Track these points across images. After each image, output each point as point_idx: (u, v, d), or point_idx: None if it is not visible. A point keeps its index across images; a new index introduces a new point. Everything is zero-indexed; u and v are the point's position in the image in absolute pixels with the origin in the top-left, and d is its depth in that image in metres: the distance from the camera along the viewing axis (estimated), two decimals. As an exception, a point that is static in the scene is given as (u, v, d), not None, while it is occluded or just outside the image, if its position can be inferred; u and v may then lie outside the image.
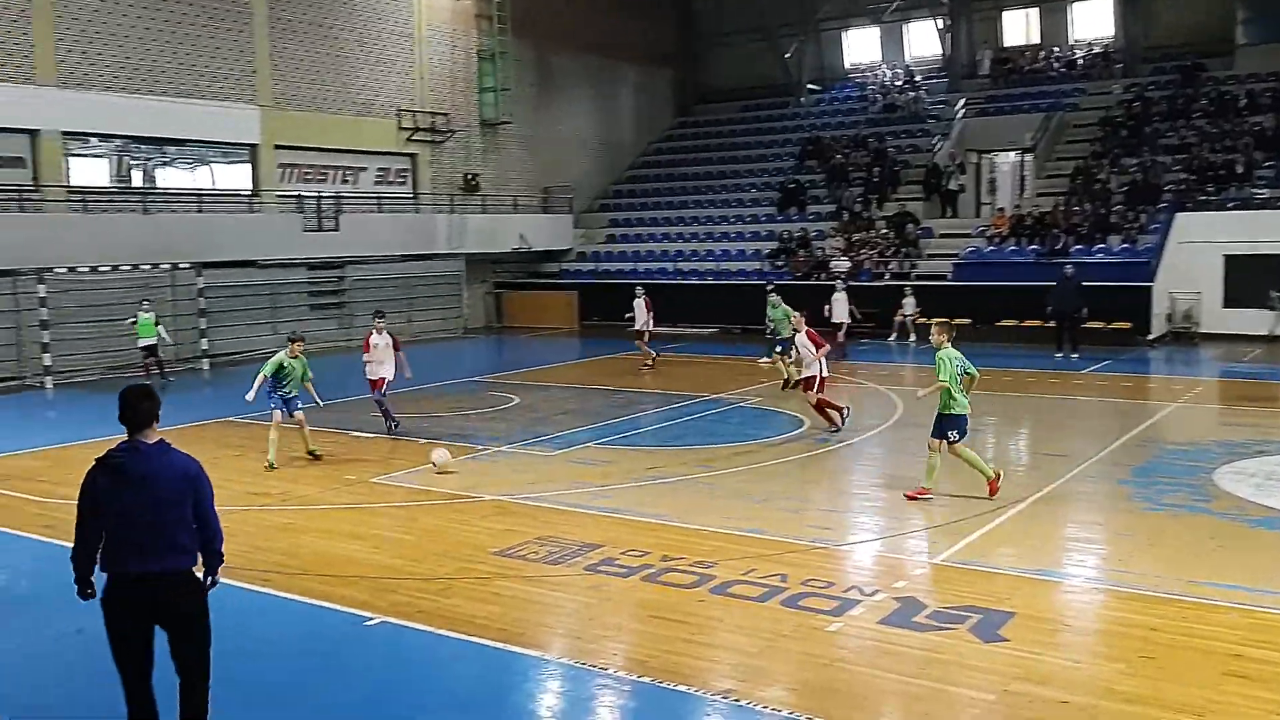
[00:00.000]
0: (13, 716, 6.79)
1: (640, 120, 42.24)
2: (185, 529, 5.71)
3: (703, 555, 9.60)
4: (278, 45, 28.61)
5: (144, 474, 5.61)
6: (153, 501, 5.59)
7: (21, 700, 7.05)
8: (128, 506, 5.56)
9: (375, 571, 9.39)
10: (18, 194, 23.30)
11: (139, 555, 5.59)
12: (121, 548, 5.60)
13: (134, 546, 5.59)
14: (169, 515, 5.63)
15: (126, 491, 5.57)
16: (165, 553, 5.64)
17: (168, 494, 5.63)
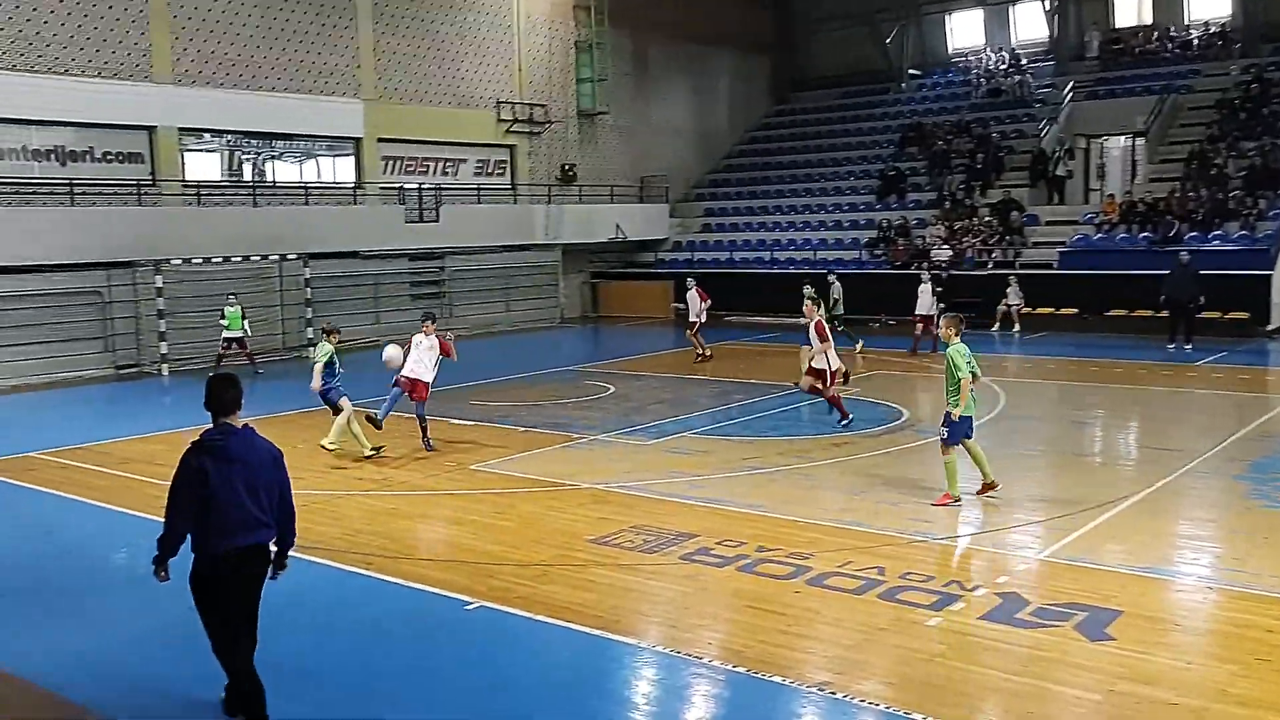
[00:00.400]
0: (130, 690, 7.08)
1: (737, 108, 42.01)
2: (269, 507, 6.23)
3: (799, 546, 9.53)
4: (381, 40, 29.20)
5: (242, 456, 6.12)
6: (249, 481, 6.10)
7: (138, 675, 7.35)
8: (229, 485, 6.02)
9: (474, 557, 9.55)
10: (137, 188, 24.26)
11: (240, 531, 6.08)
12: (225, 525, 6.03)
13: (235, 523, 6.05)
14: (261, 494, 6.16)
15: (228, 471, 6.03)
16: (258, 528, 6.17)
17: (261, 474, 6.18)
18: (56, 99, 22.81)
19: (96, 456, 14.22)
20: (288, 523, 6.40)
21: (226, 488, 6.02)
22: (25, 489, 12.58)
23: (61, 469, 13.51)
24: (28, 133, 23.02)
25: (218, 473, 6.01)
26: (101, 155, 24.21)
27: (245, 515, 6.08)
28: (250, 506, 6.10)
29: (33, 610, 8.63)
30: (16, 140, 22.90)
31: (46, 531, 10.93)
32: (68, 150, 23.67)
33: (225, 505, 6.01)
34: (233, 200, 26.28)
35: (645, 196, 37.18)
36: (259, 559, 6.24)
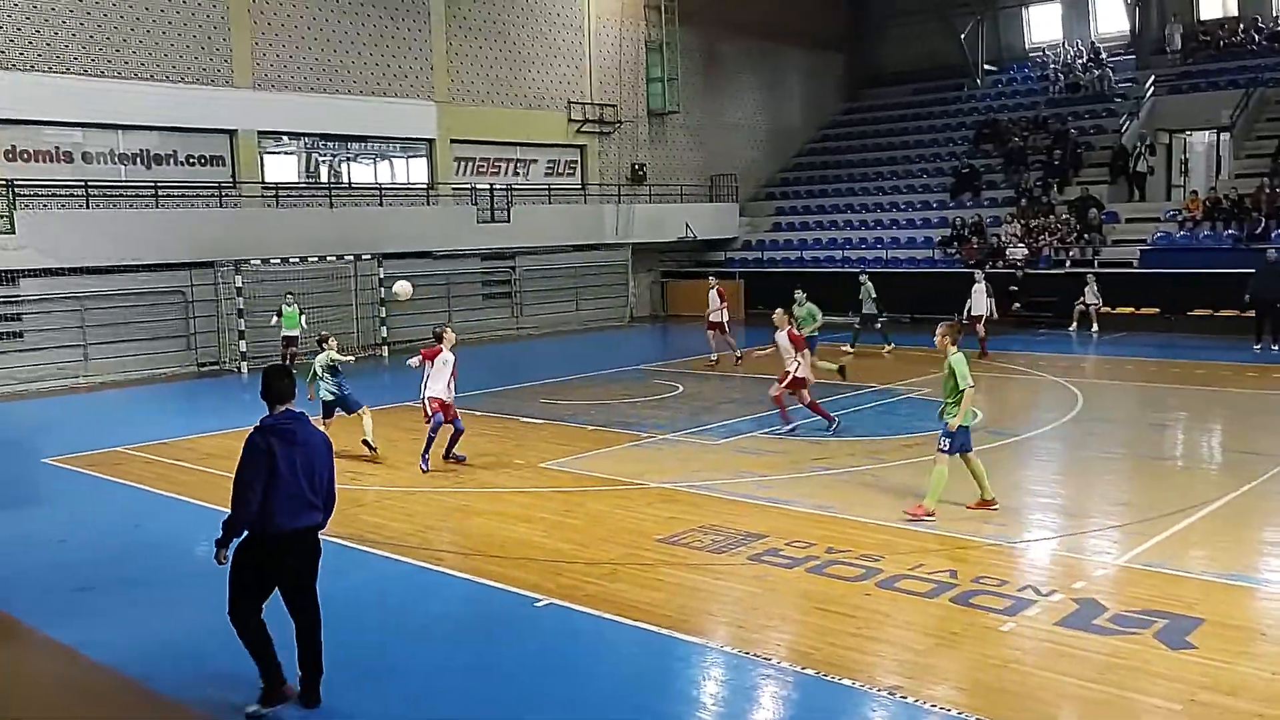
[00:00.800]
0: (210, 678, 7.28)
1: (808, 106, 41.73)
2: (320, 491, 6.65)
3: (869, 548, 9.45)
4: (454, 43, 29.56)
5: (305, 440, 6.57)
6: (309, 464, 6.54)
7: (219, 666, 7.53)
8: (293, 467, 6.45)
9: (544, 554, 9.63)
10: (218, 190, 24.89)
11: (299, 511, 6.51)
12: (286, 505, 6.44)
13: (296, 504, 6.48)
14: (316, 477, 6.60)
15: (292, 454, 6.46)
16: (312, 510, 6.61)
17: (319, 458, 6.63)
18: (143, 104, 23.52)
19: (180, 451, 14.62)
20: (330, 506, 6.79)
21: (290, 469, 6.41)
22: (114, 483, 12.99)
23: (147, 464, 13.92)
24: (116, 137, 23.77)
25: (284, 454, 6.41)
26: (185, 158, 24.88)
27: (301, 498, 6.49)
28: (306, 489, 6.51)
29: (120, 601, 8.91)
30: (105, 144, 23.65)
31: (134, 524, 11.27)
32: (153, 154, 24.37)
33: (288, 486, 6.40)
34: (310, 202, 26.82)
35: (715, 195, 37.11)
36: (311, 541, 6.66)
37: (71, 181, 22.81)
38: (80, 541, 10.66)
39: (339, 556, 9.78)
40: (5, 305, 21.16)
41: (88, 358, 21.84)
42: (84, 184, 22.82)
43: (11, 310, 21.29)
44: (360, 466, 13.45)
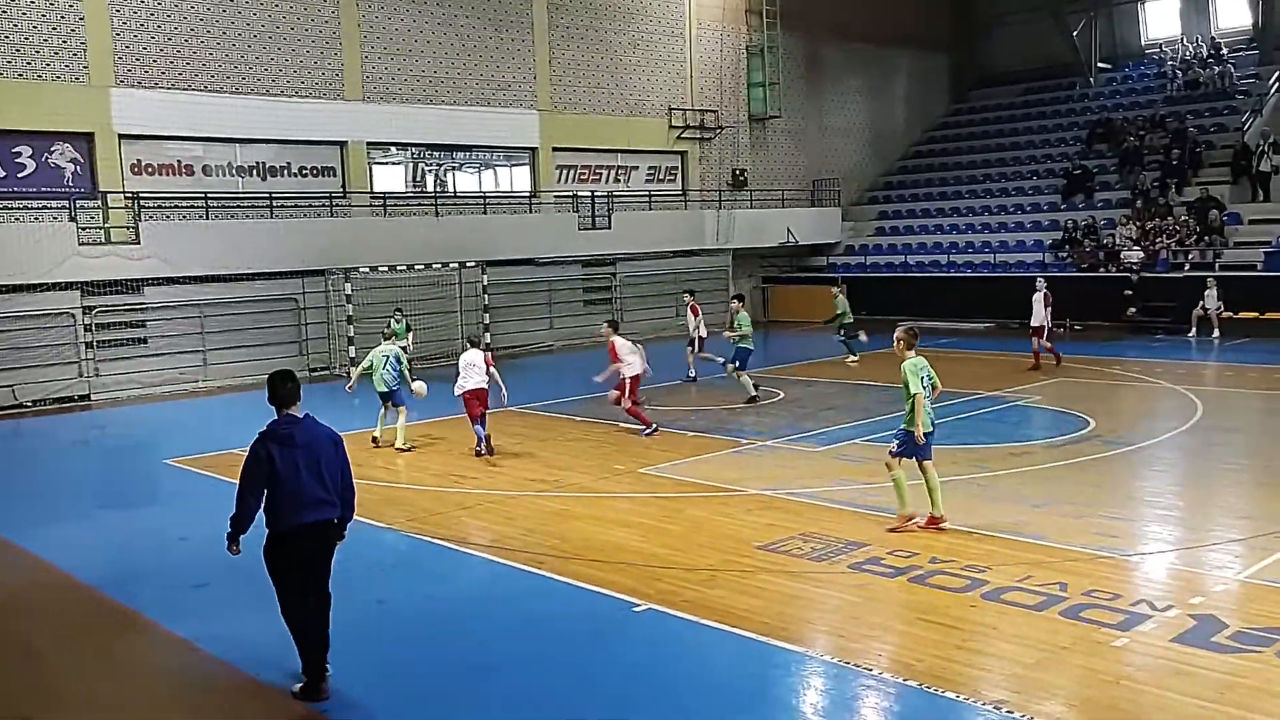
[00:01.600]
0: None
1: (913, 108, 41.09)
2: (333, 485, 6.98)
3: (975, 559, 9.24)
4: (556, 52, 29.92)
5: (306, 441, 6.93)
6: (313, 463, 6.89)
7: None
8: (296, 468, 6.82)
9: (643, 559, 9.65)
10: (329, 200, 25.64)
11: (305, 508, 6.85)
12: (290, 504, 6.81)
13: (301, 501, 6.83)
14: (325, 473, 6.94)
15: (295, 455, 6.84)
16: (324, 506, 6.94)
17: (325, 456, 6.96)
18: (259, 118, 24.38)
19: (291, 454, 15.05)
20: (349, 498, 7.13)
21: (290, 470, 6.80)
22: (230, 484, 13.40)
23: (260, 465, 14.36)
24: (234, 150, 24.67)
25: (281, 457, 6.81)
26: (298, 170, 25.70)
27: (308, 495, 6.84)
28: (314, 486, 6.85)
29: (235, 597, 9.21)
30: (223, 157, 24.57)
31: (247, 524, 11.64)
32: (268, 166, 25.24)
33: (290, 486, 6.80)
34: (416, 210, 27.42)
35: (817, 200, 36.78)
36: (324, 534, 7.01)
37: (192, 193, 23.76)
38: (199, 539, 11.05)
39: (443, 559, 9.99)
40: (130, 312, 22.13)
41: (206, 363, 22.69)
42: (204, 196, 23.74)
43: (136, 317, 22.25)
44: (463, 470, 13.69)
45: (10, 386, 20.12)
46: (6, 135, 21.32)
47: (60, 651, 8.23)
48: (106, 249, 21.59)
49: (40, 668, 7.97)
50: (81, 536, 11.56)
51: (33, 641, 8.51)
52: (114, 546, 11.21)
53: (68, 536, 11.46)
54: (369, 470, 13.95)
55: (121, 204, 22.42)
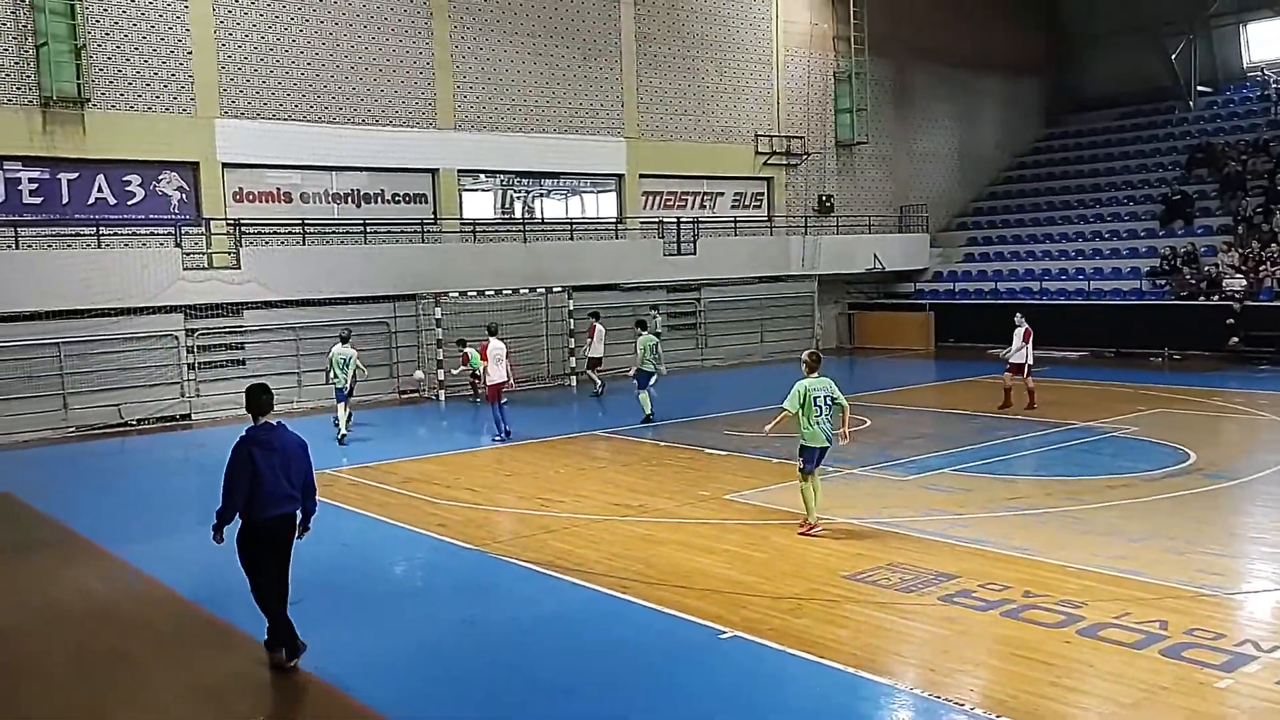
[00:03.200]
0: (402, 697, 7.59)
1: (1004, 133, 40.47)
2: (298, 485, 8.05)
3: (1070, 594, 8.99)
4: (643, 80, 30.19)
5: (281, 445, 7.99)
6: (285, 465, 7.95)
7: (414, 684, 7.85)
8: (272, 469, 7.86)
9: (728, 586, 9.61)
10: (421, 226, 26.20)
11: (277, 503, 7.92)
12: (266, 499, 7.86)
13: (274, 497, 7.89)
14: (294, 475, 8.01)
15: (271, 458, 7.88)
16: (289, 501, 8.01)
17: (295, 460, 8.03)
18: (354, 147, 25.07)
19: (383, 475, 15.36)
20: (310, 496, 8.19)
21: (269, 470, 7.84)
22: (322, 503, 13.67)
23: (353, 485, 14.69)
24: (329, 178, 25.38)
25: (263, 459, 7.84)
26: (391, 196, 26.32)
27: (280, 491, 7.91)
28: (284, 484, 7.93)
29: (329, 615, 9.41)
30: (320, 185, 25.29)
31: (342, 544, 11.89)
32: (362, 193, 25.89)
33: (267, 484, 7.83)
34: (504, 236, 27.85)
35: (905, 226, 36.40)
36: (289, 525, 8.10)
37: (290, 220, 24.48)
38: (293, 556, 11.31)
39: (529, 581, 10.07)
40: (230, 335, 22.84)
41: (301, 384, 23.27)
42: (301, 222, 24.45)
43: (235, 340, 22.95)
44: (549, 494, 13.80)
45: (117, 405, 20.89)
46: (118, 165, 22.25)
47: (157, 662, 8.48)
48: (209, 273, 22.34)
49: (137, 678, 8.22)
50: (181, 551, 11.92)
51: (131, 651, 8.79)
52: (211, 562, 11.48)
53: (167, 551, 11.83)
54: (455, 492, 14.16)
55: (223, 230, 23.20)
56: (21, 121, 20.99)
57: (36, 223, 21.30)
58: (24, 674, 8.30)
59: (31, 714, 7.63)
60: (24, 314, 20.00)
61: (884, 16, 34.91)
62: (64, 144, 21.49)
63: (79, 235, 21.62)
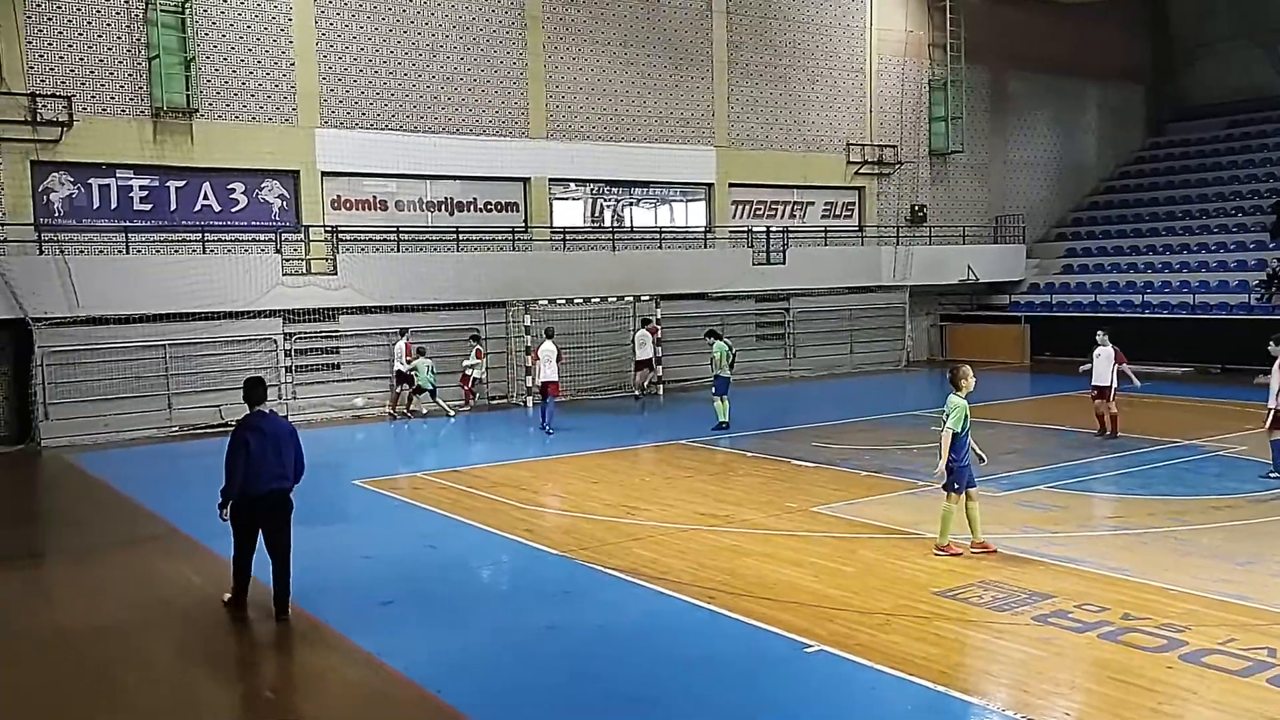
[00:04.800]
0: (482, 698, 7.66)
1: (1105, 142, 39.41)
2: (289, 464, 9.34)
3: (1172, 618, 8.68)
4: (734, 89, 30.14)
5: (273, 431, 9.28)
6: (277, 447, 9.23)
7: (497, 688, 7.91)
8: (264, 451, 9.15)
9: (814, 599, 9.49)
10: (512, 234, 26.52)
11: (269, 479, 9.19)
12: (259, 476, 9.13)
13: (267, 475, 9.17)
14: (284, 455, 9.29)
15: (264, 441, 9.16)
16: (281, 479, 9.30)
17: (283, 442, 9.31)
18: (448, 156, 25.50)
19: (471, 479, 15.56)
20: (300, 474, 9.50)
21: (261, 452, 9.12)
22: (412, 505, 14.00)
23: (442, 489, 14.91)
24: (424, 186, 25.86)
25: (256, 442, 9.11)
26: (483, 205, 26.70)
27: (272, 470, 9.19)
28: (275, 464, 9.20)
29: (417, 615, 9.56)
30: (415, 193, 25.79)
31: (429, 545, 12.07)
32: (455, 201, 26.32)
33: (260, 463, 9.11)
34: (593, 245, 28.02)
35: (1000, 237, 35.67)
36: (282, 500, 9.36)
37: (385, 227, 25.00)
38: (383, 558, 11.53)
39: (614, 589, 10.08)
40: (326, 339, 23.39)
41: (393, 388, 23.71)
42: (395, 230, 24.94)
43: (331, 344, 23.50)
44: (635, 502, 13.81)
45: (218, 406, 21.53)
46: (223, 173, 23.00)
47: (255, 659, 8.70)
48: (307, 279, 22.93)
49: (231, 672, 8.44)
50: (277, 550, 12.23)
51: (231, 647, 9.02)
52: (304, 561, 11.77)
53: (262, 548, 12.11)
54: (543, 498, 14.27)
55: (321, 237, 23.80)
56: (134, 131, 21.84)
57: (146, 229, 22.12)
58: (130, 666, 8.59)
59: (138, 705, 7.89)
60: (133, 317, 20.77)
61: (981, 23, 34.32)
62: (173, 153, 22.29)
63: (185, 241, 22.39)
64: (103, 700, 7.91)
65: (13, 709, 7.74)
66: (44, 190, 21.30)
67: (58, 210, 21.45)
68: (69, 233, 21.27)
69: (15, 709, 7.74)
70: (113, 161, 21.82)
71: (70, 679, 8.29)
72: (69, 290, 20.03)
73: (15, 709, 7.74)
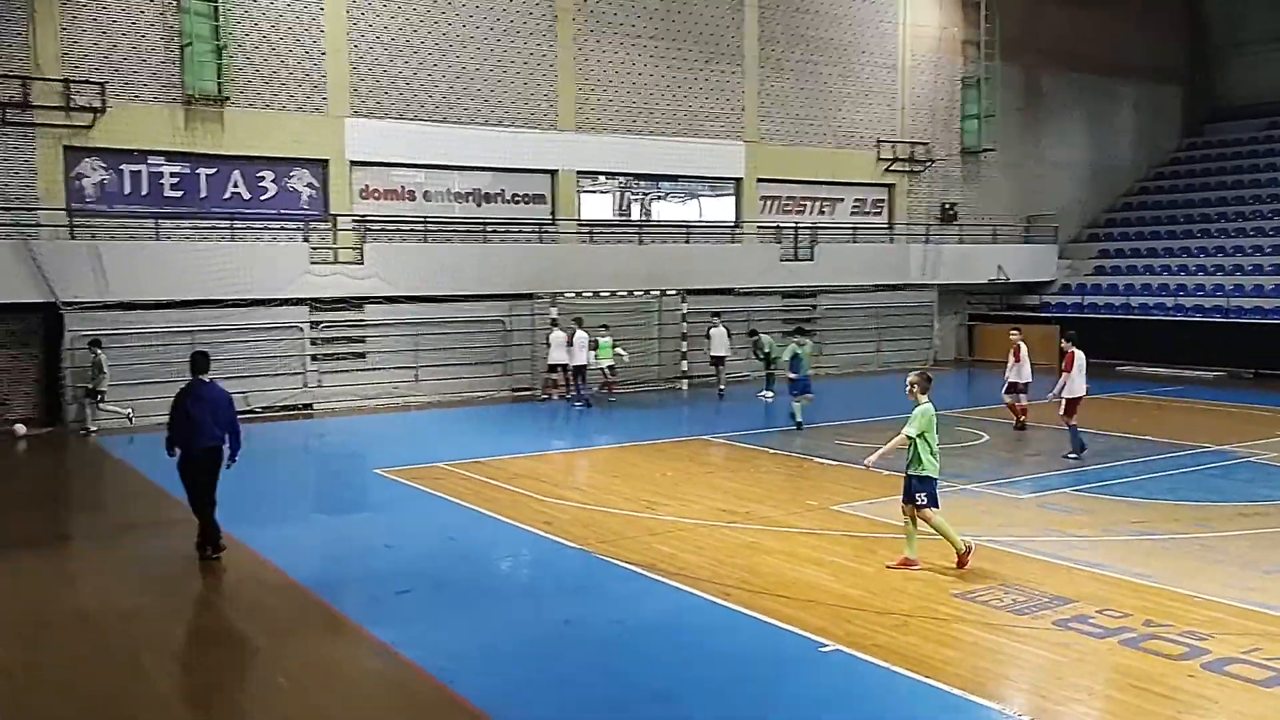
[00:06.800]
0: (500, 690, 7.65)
1: (1140, 142, 38.91)
2: (221, 425, 10.91)
3: (1195, 625, 8.56)
4: (765, 84, 29.98)
5: (208, 397, 10.93)
6: (211, 410, 10.86)
7: (513, 681, 7.90)
8: (200, 413, 10.79)
9: (832, 599, 9.43)
10: (538, 227, 26.52)
11: (207, 438, 10.81)
12: (195, 435, 10.79)
13: (205, 434, 10.80)
14: (218, 417, 10.90)
15: (199, 405, 10.82)
16: (214, 437, 10.87)
17: (218, 406, 10.94)
18: (477, 147, 25.51)
19: (492, 470, 15.57)
20: (235, 435, 11.01)
21: (199, 414, 10.78)
22: (433, 495, 14.03)
23: (463, 480, 14.93)
24: (452, 177, 25.89)
25: (194, 405, 10.80)
26: (510, 197, 26.70)
27: (208, 430, 10.81)
28: (211, 425, 10.82)
29: (434, 606, 9.58)
30: (442, 184, 25.82)
31: (449, 536, 12.09)
32: (483, 192, 26.33)
33: (198, 424, 10.76)
34: (621, 238, 27.97)
35: (1031, 236, 35.32)
36: (216, 455, 10.92)
37: (412, 218, 25.06)
38: (404, 548, 11.56)
39: (631, 583, 10.06)
40: (352, 328, 23.48)
41: (418, 378, 23.79)
42: (423, 220, 25.00)
43: (356, 333, 23.59)
44: (655, 496, 13.78)
45: (244, 393, 21.64)
46: (253, 161, 23.10)
47: (271, 645, 8.74)
48: (334, 268, 23.02)
49: (252, 659, 8.49)
50: (297, 537, 12.30)
51: (247, 633, 9.07)
52: (326, 549, 11.87)
53: (285, 536, 12.21)
54: (563, 491, 14.26)
55: (349, 226, 23.89)
56: (166, 118, 21.98)
57: (176, 215, 22.26)
58: (151, 649, 8.65)
59: (157, 687, 7.95)
60: (162, 302, 20.93)
61: (1016, 20, 33.96)
62: (204, 140, 22.42)
63: (214, 228, 22.53)
64: (123, 683, 7.97)
65: (36, 690, 7.81)
66: (76, 175, 21.48)
67: (89, 196, 21.64)
68: (100, 218, 21.45)
69: (39, 690, 7.82)
70: (144, 148, 21.97)
71: (92, 661, 8.35)
72: (99, 275, 20.21)
73: (39, 690, 7.82)
